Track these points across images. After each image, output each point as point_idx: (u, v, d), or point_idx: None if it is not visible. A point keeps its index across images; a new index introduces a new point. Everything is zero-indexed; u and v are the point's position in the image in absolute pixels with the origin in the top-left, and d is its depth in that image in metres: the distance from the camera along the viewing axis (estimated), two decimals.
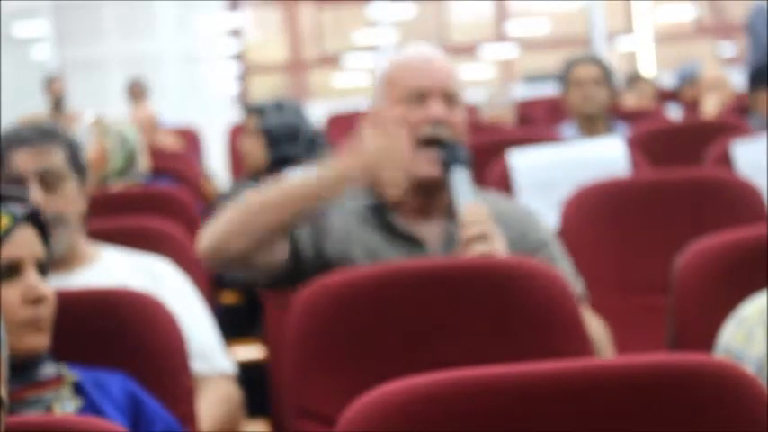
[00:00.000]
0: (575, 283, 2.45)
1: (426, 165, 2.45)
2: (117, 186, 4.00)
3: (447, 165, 2.45)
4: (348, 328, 2.19)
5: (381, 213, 2.49)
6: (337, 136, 5.46)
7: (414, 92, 2.47)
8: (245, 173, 4.61)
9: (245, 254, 2.36)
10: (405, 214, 2.50)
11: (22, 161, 2.53)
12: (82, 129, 3.87)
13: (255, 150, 4.28)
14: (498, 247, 2.34)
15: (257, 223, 2.35)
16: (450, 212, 2.49)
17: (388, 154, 2.39)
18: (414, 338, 2.20)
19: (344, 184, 2.39)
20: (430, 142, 2.45)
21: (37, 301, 2.00)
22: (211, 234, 2.38)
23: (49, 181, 2.52)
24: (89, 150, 3.79)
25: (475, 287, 2.21)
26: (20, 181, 2.50)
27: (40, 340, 2.00)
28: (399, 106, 2.48)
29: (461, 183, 2.43)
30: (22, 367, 1.97)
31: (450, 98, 2.49)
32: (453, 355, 2.16)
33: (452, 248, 2.45)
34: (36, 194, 2.49)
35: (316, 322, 2.19)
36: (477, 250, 2.33)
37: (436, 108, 2.46)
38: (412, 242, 2.47)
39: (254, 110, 4.39)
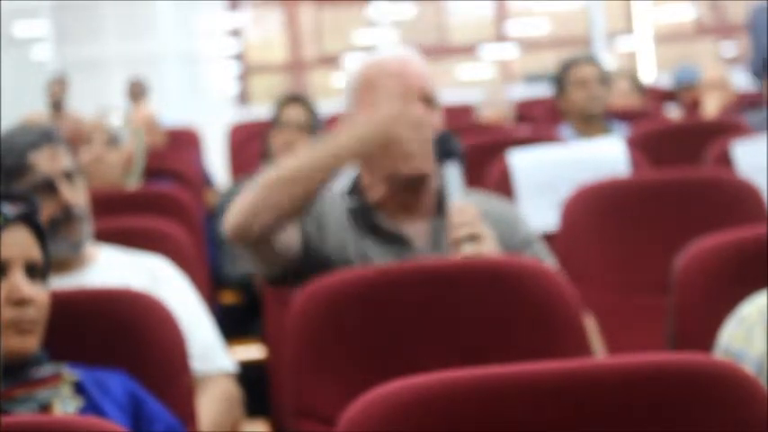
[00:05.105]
0: None
1: (411, 162, 2.43)
2: (135, 186, 4.01)
3: (440, 157, 2.43)
4: (347, 329, 2.19)
5: (366, 215, 2.47)
6: None
7: (392, 94, 2.45)
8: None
9: (270, 229, 2.34)
10: (389, 214, 2.47)
11: (46, 162, 2.54)
12: (119, 127, 3.86)
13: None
14: (488, 248, 2.33)
15: (280, 196, 2.33)
16: (436, 209, 2.48)
17: (403, 116, 2.40)
18: (414, 339, 2.19)
19: (363, 147, 2.38)
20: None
21: (19, 302, 1.97)
22: (237, 212, 2.35)
23: (69, 179, 2.55)
24: (125, 150, 3.81)
25: (475, 287, 2.21)
26: (48, 182, 2.51)
27: (24, 342, 1.98)
28: (377, 109, 2.44)
29: (453, 178, 2.41)
30: (12, 368, 1.96)
31: (428, 100, 2.48)
32: (453, 355, 2.16)
33: (440, 246, 2.44)
34: (67, 193, 2.51)
35: (315, 322, 2.19)
36: (467, 251, 2.31)
37: (416, 109, 2.44)
38: (400, 242, 2.45)
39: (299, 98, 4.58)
